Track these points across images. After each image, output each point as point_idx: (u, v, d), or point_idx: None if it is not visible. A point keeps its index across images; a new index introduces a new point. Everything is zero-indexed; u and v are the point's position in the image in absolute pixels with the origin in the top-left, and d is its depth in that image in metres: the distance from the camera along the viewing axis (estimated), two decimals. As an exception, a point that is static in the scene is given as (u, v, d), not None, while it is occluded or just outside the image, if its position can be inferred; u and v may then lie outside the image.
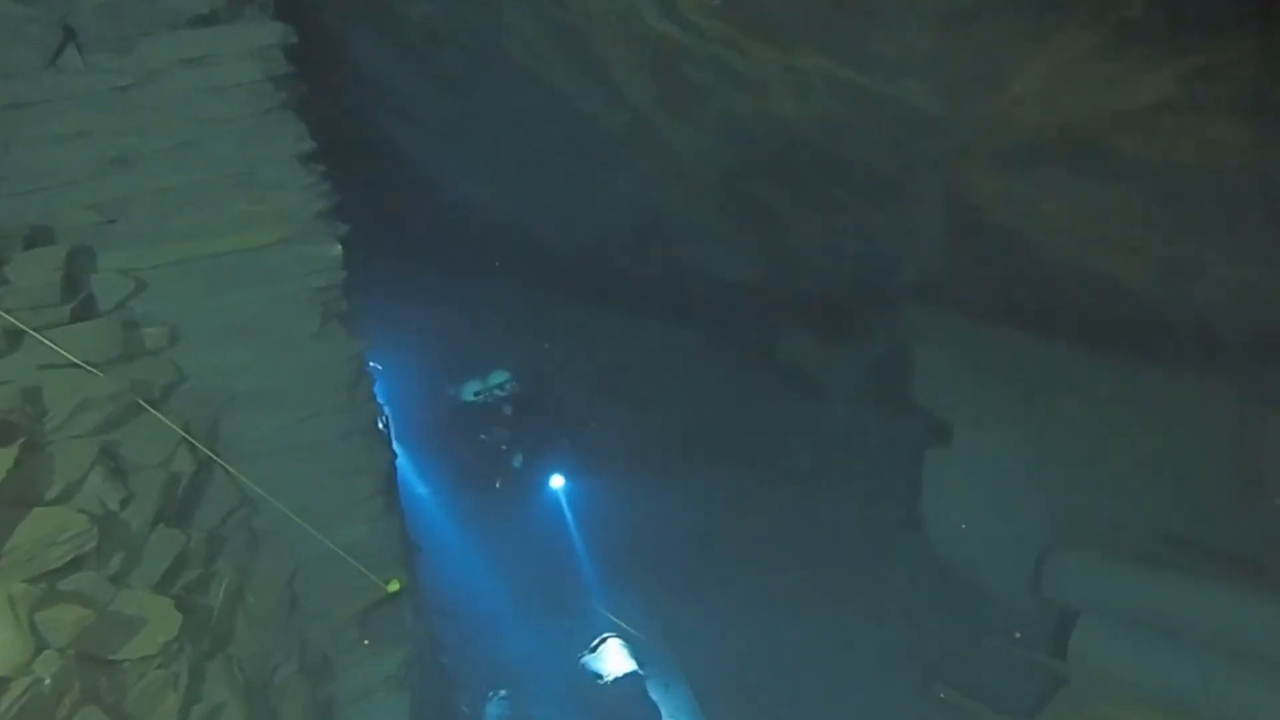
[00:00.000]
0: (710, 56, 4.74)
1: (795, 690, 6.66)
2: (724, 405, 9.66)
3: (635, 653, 6.99)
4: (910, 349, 7.45)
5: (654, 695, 6.75)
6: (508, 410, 8.94)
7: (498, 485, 9.04)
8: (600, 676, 6.61)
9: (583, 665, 6.83)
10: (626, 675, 6.59)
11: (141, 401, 3.42)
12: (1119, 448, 6.34)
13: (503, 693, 6.57)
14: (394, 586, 4.43)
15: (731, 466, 9.10)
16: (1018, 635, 6.40)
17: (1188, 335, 5.56)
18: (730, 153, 5.95)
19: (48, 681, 2.25)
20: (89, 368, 3.23)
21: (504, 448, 8.96)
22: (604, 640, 7.10)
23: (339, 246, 4.33)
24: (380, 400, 5.26)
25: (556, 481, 9.19)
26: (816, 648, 7.02)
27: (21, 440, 2.65)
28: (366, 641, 4.34)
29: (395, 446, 9.01)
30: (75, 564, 2.66)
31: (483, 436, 8.93)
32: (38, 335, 3.14)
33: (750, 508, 8.69)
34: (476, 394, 8.97)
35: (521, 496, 9.18)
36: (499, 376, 9.05)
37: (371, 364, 5.55)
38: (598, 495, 9.14)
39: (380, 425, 5.09)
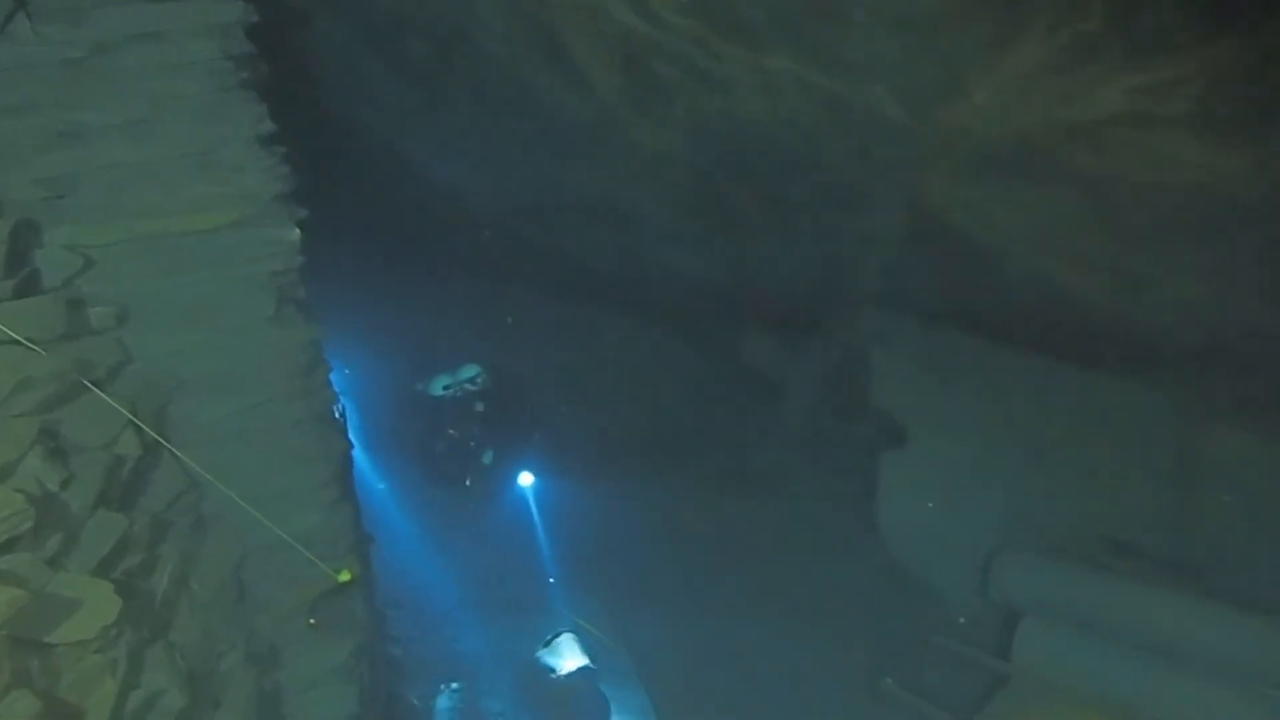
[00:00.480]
0: (679, 54, 4.77)
1: (746, 687, 6.71)
2: (685, 405, 9.70)
3: (588, 649, 6.99)
4: (868, 353, 7.55)
5: (606, 691, 6.76)
6: (479, 406, 8.73)
7: (468, 483, 8.85)
8: (553, 670, 6.60)
9: (536, 659, 6.82)
10: (579, 670, 6.59)
11: (86, 382, 3.34)
12: (1067, 454, 6.49)
13: (455, 685, 6.54)
14: (345, 576, 4.37)
15: (692, 466, 9.14)
16: (962, 620, 6.51)
17: (1134, 345, 5.72)
18: (697, 152, 5.98)
19: (-24, 664, 2.19)
20: (31, 345, 3.14)
21: (473, 444, 8.75)
22: (558, 635, 7.09)
23: (297, 231, 4.26)
24: (338, 390, 5.18)
25: (525, 479, 9.08)
26: (769, 645, 7.08)
27: (-43, 417, 2.58)
28: (313, 620, 4.27)
29: (353, 438, 8.97)
30: (10, 545, 2.59)
31: (452, 432, 8.71)
32: (-22, 311, 3.05)
33: (708, 507, 8.73)
34: (446, 388, 8.74)
35: (490, 494, 9.04)
36: (469, 371, 8.83)
37: (336, 363, 5.50)
38: (562, 493, 9.08)
39: (336, 414, 5.02)
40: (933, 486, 7.07)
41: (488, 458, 8.78)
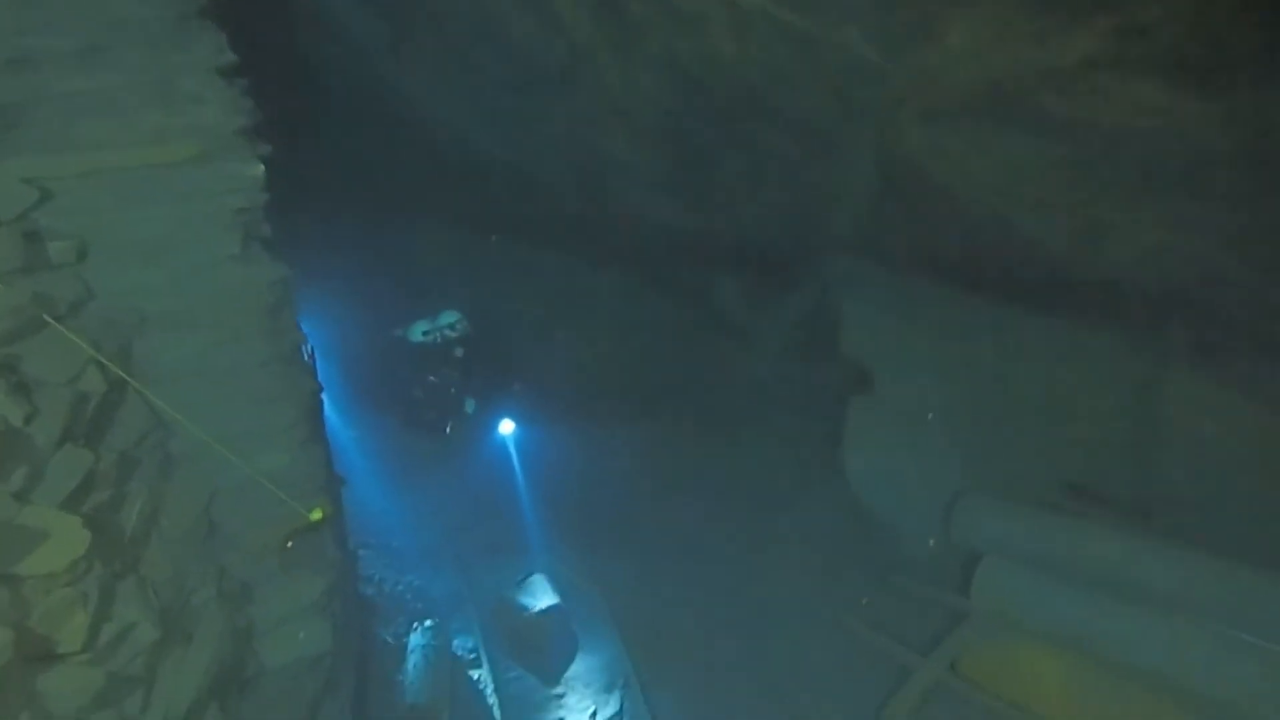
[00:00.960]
0: (651, -11, 4.68)
1: (714, 624, 6.88)
2: (655, 349, 9.74)
3: (560, 588, 7.11)
4: (837, 300, 7.62)
5: (577, 629, 6.90)
6: (458, 352, 8.57)
7: (448, 430, 8.72)
8: (525, 609, 6.71)
9: (508, 598, 6.93)
10: (549, 608, 6.71)
11: (46, 317, 3.27)
12: (1029, 399, 6.64)
13: (427, 624, 6.62)
14: (316, 515, 4.38)
15: (661, 409, 9.23)
16: (932, 542, 6.71)
17: (1097, 292, 5.82)
18: (669, 94, 5.90)
19: (-56, 593, 2.19)
20: (-12, 279, 3.07)
21: (454, 390, 8.60)
22: (530, 575, 7.19)
23: (261, 166, 4.16)
24: (306, 332, 5.12)
25: (506, 427, 9.00)
26: (736, 586, 7.26)
27: (-87, 349, 2.52)
28: (290, 544, 4.28)
29: (322, 381, 8.87)
30: (-27, 478, 2.57)
31: (432, 378, 8.56)
32: (-70, 242, 2.97)
33: (677, 450, 8.85)
34: (425, 334, 8.57)
35: (471, 441, 8.96)
36: (449, 316, 8.66)
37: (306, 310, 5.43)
38: (538, 440, 9.08)
39: (304, 355, 4.98)
40: (898, 430, 7.22)
41: (470, 406, 8.66)
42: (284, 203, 4.52)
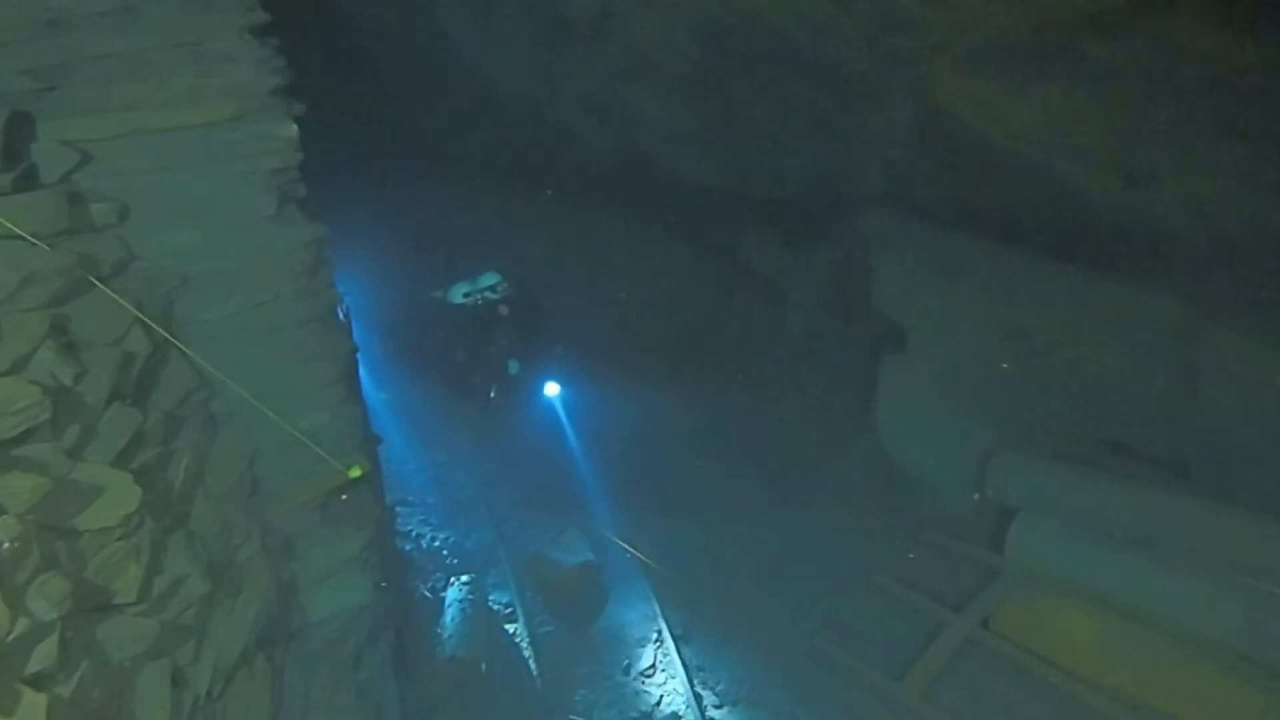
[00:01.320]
0: (684, -62, 4.58)
1: (745, 581, 6.94)
2: (687, 306, 9.70)
3: (593, 543, 7.21)
4: (870, 255, 7.52)
5: (609, 582, 7.01)
6: (503, 310, 8.44)
7: (492, 394, 8.62)
8: (559, 563, 6.82)
9: (542, 552, 7.04)
10: (582, 562, 6.81)
11: (91, 278, 3.33)
12: (1066, 355, 6.54)
13: (464, 578, 6.76)
14: (355, 472, 4.46)
15: (693, 366, 9.22)
16: (976, 497, 6.65)
17: (1140, 246, 5.69)
18: (701, 46, 5.80)
19: (7, 545, 2.26)
20: (34, 240, 3.12)
21: (494, 350, 8.47)
22: (564, 531, 7.29)
23: (294, 126, 4.17)
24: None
25: (551, 389, 8.89)
26: (767, 541, 7.30)
27: (-34, 310, 2.58)
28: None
29: (359, 339, 8.95)
30: (29, 435, 2.64)
31: (474, 340, 8.45)
32: (-23, 205, 3.02)
33: (710, 406, 8.85)
34: (466, 295, 8.50)
35: (516, 405, 8.88)
36: (490, 279, 8.53)
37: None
38: (580, 401, 9.06)
39: (340, 314, 5.03)
40: (931, 387, 7.16)
41: (514, 368, 8.53)
42: (319, 162, 4.53)
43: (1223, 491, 5.61)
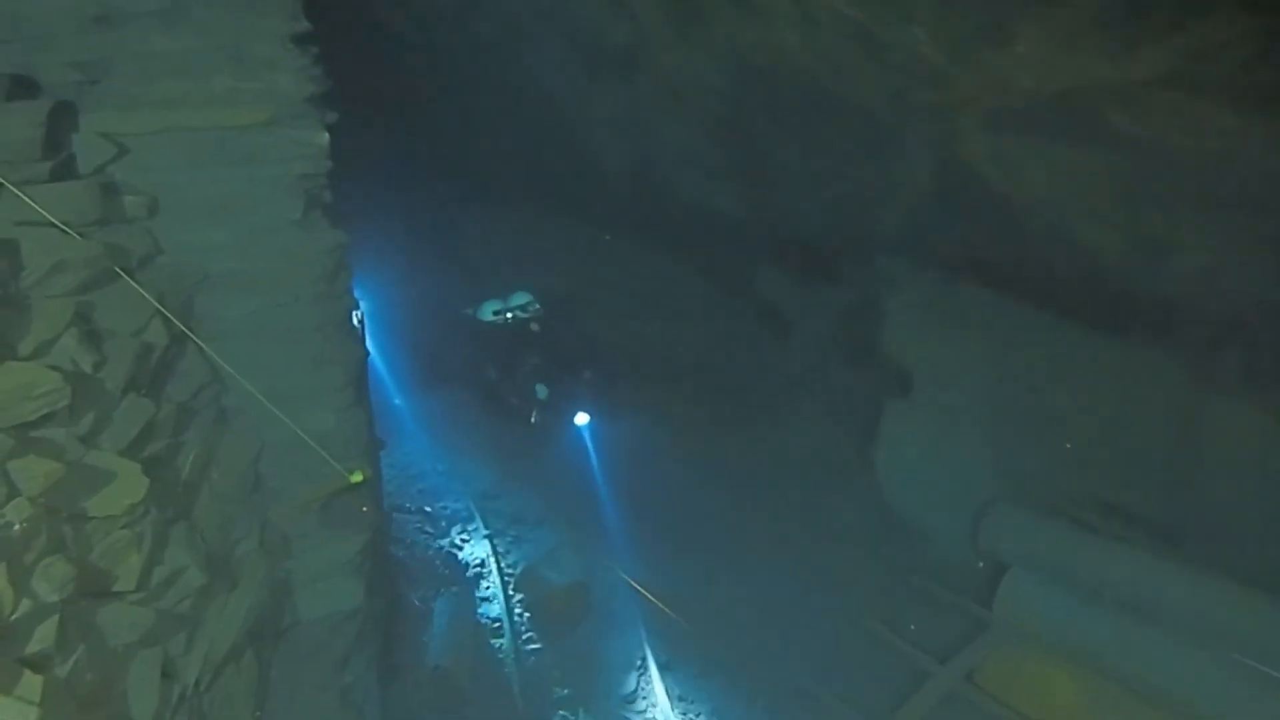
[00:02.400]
0: (720, -21, 4.68)
1: (734, 612, 6.94)
2: (695, 335, 9.75)
3: (585, 563, 7.23)
4: (881, 299, 7.58)
5: (600, 604, 7.02)
6: (534, 327, 8.20)
7: (533, 420, 8.22)
8: (549, 582, 6.84)
9: (533, 569, 7.06)
10: (573, 583, 6.83)
11: (118, 269, 3.41)
12: (1069, 414, 6.57)
13: (454, 589, 6.78)
14: (357, 477, 4.52)
15: (697, 395, 9.25)
16: (981, 565, 6.62)
17: (1150, 312, 5.73)
18: (729, 82, 5.90)
19: (17, 526, 2.32)
20: (66, 229, 3.21)
21: (527, 371, 8.15)
22: (556, 548, 7.32)
23: (326, 134, 4.28)
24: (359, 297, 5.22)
25: (581, 419, 8.51)
26: (759, 575, 7.30)
27: (-3, 293, 2.66)
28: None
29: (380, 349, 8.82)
30: (47, 420, 2.70)
31: (506, 358, 8.15)
32: (16, 190, 3.10)
33: (710, 437, 8.88)
34: (496, 313, 8.24)
35: (551, 432, 8.58)
36: (521, 297, 8.28)
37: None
38: (606, 431, 8.85)
39: (355, 320, 5.11)
40: (933, 435, 7.18)
41: (542, 392, 8.22)
42: (348, 172, 4.62)
43: (1216, 563, 5.61)
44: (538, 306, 8.32)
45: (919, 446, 7.24)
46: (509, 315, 8.27)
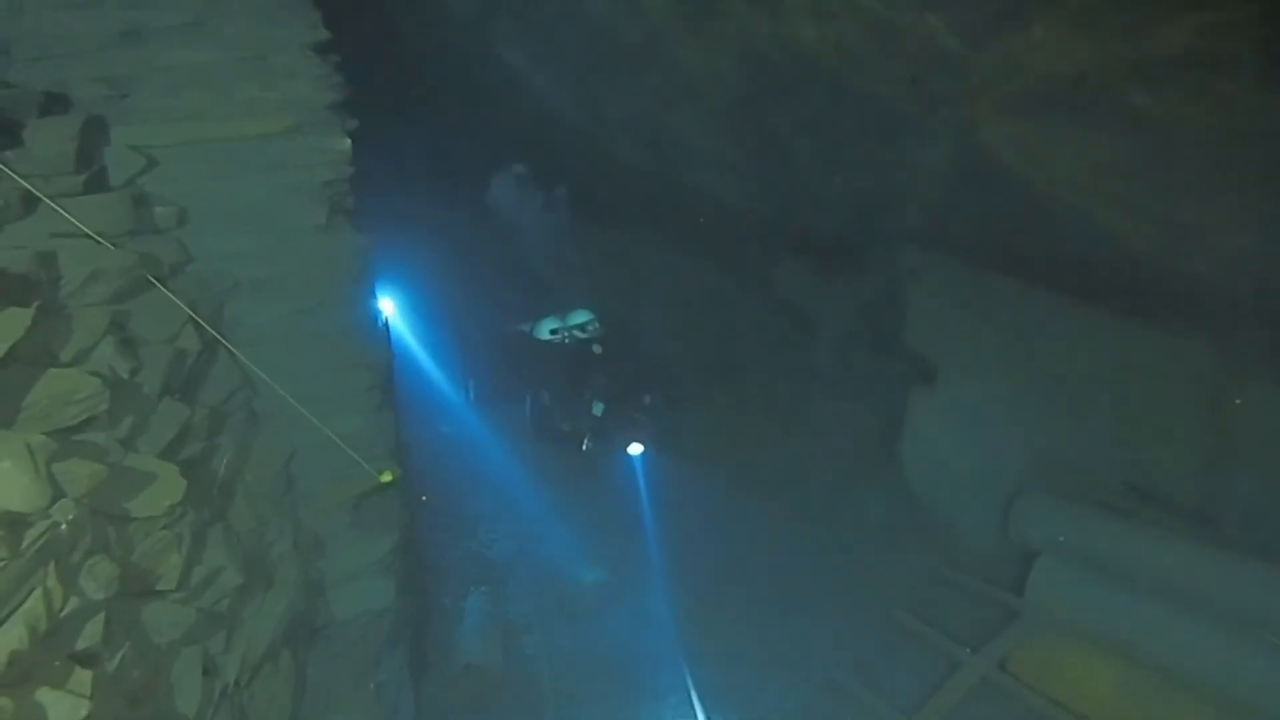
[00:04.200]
0: (733, -27, 4.70)
1: (763, 607, 6.94)
2: (718, 331, 9.76)
3: (612, 562, 7.27)
4: (904, 290, 7.55)
5: (626, 601, 7.05)
6: (597, 350, 7.53)
7: (585, 446, 7.60)
8: (577, 580, 6.90)
9: (562, 568, 7.12)
10: (599, 580, 6.87)
11: (151, 278, 3.49)
12: (1098, 401, 6.51)
13: (483, 589, 6.85)
14: (386, 478, 4.59)
15: (722, 392, 9.26)
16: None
17: (1178, 296, 5.67)
18: (745, 76, 5.91)
19: (64, 527, 2.39)
20: (101, 240, 3.29)
21: (588, 395, 7.49)
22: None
23: (348, 140, 4.36)
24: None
25: (634, 449, 7.74)
26: (788, 569, 7.30)
27: (38, 303, 2.74)
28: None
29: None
30: (88, 424, 2.78)
31: (564, 382, 7.54)
32: (51, 203, 3.19)
33: (735, 433, 8.89)
34: (554, 332, 7.65)
35: (605, 457, 7.90)
36: (581, 315, 7.67)
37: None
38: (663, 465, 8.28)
39: (380, 323, 5.18)
40: (960, 426, 7.14)
41: (597, 409, 7.51)
42: (376, 179, 4.69)
43: (1253, 546, 5.53)
44: (598, 326, 7.70)
45: (946, 436, 7.20)
46: (568, 335, 7.64)
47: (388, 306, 8.07)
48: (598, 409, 7.49)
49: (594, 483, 8.12)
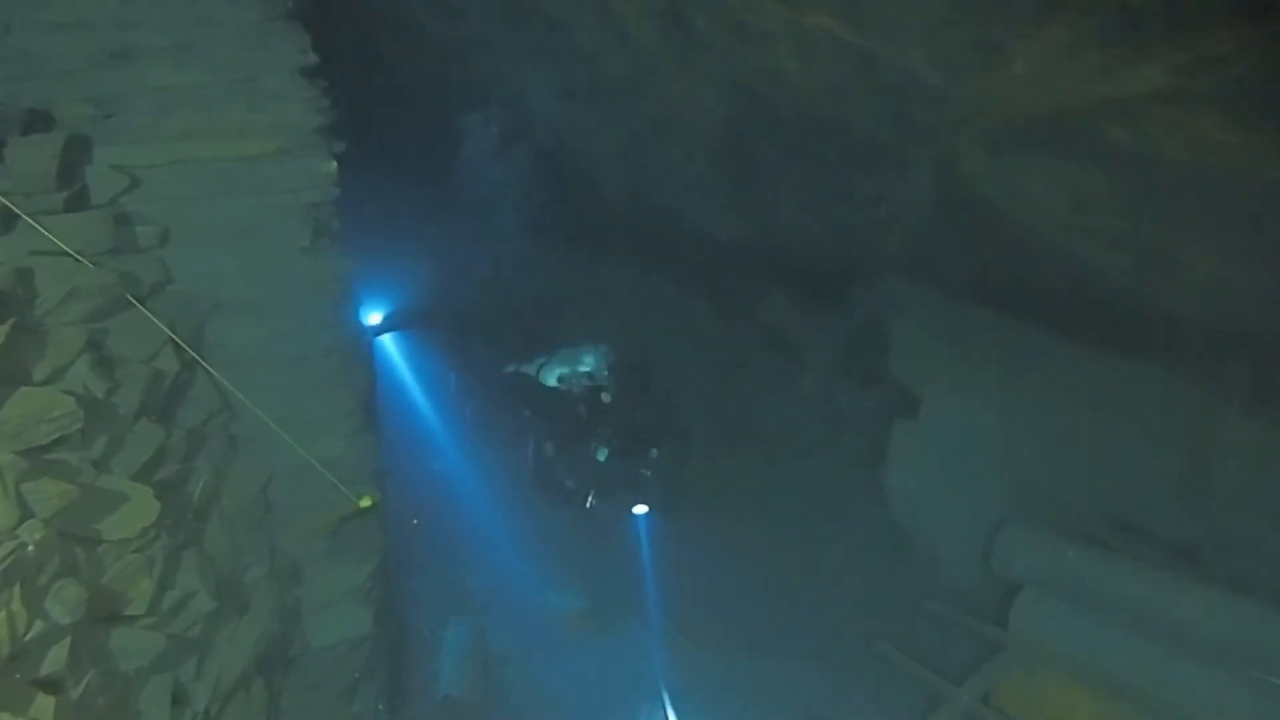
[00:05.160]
0: (718, 6, 4.76)
1: (744, 638, 6.88)
2: (700, 362, 9.76)
3: (594, 591, 7.19)
4: (888, 322, 7.59)
5: (609, 630, 6.97)
6: (606, 399, 7.07)
7: (589, 503, 7.14)
8: (558, 609, 6.81)
9: (542, 597, 7.03)
10: (580, 610, 6.79)
11: (130, 297, 3.46)
12: (1078, 432, 6.54)
13: (463, 619, 6.75)
14: (366, 503, 4.53)
15: (703, 422, 9.24)
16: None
17: (1156, 328, 5.73)
18: (730, 108, 5.97)
19: (31, 548, 2.33)
20: (79, 258, 3.26)
21: (594, 446, 7.04)
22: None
23: (334, 163, 4.35)
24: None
25: (639, 509, 7.30)
26: (769, 600, 7.25)
27: (12, 320, 2.70)
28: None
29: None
30: (60, 444, 2.73)
31: (568, 433, 7.08)
32: (30, 220, 3.16)
33: (718, 463, 8.86)
34: (562, 380, 7.22)
35: (611, 516, 7.46)
36: (590, 361, 7.25)
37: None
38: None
39: (364, 344, 5.15)
40: (942, 457, 7.16)
41: (602, 455, 7.07)
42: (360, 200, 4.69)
43: (1232, 579, 5.55)
44: (608, 372, 7.26)
45: (928, 468, 7.21)
46: (576, 382, 7.18)
47: (376, 326, 7.98)
48: (602, 454, 7.09)
49: (599, 546, 7.70)
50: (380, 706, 5.09)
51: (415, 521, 7.28)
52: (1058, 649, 5.81)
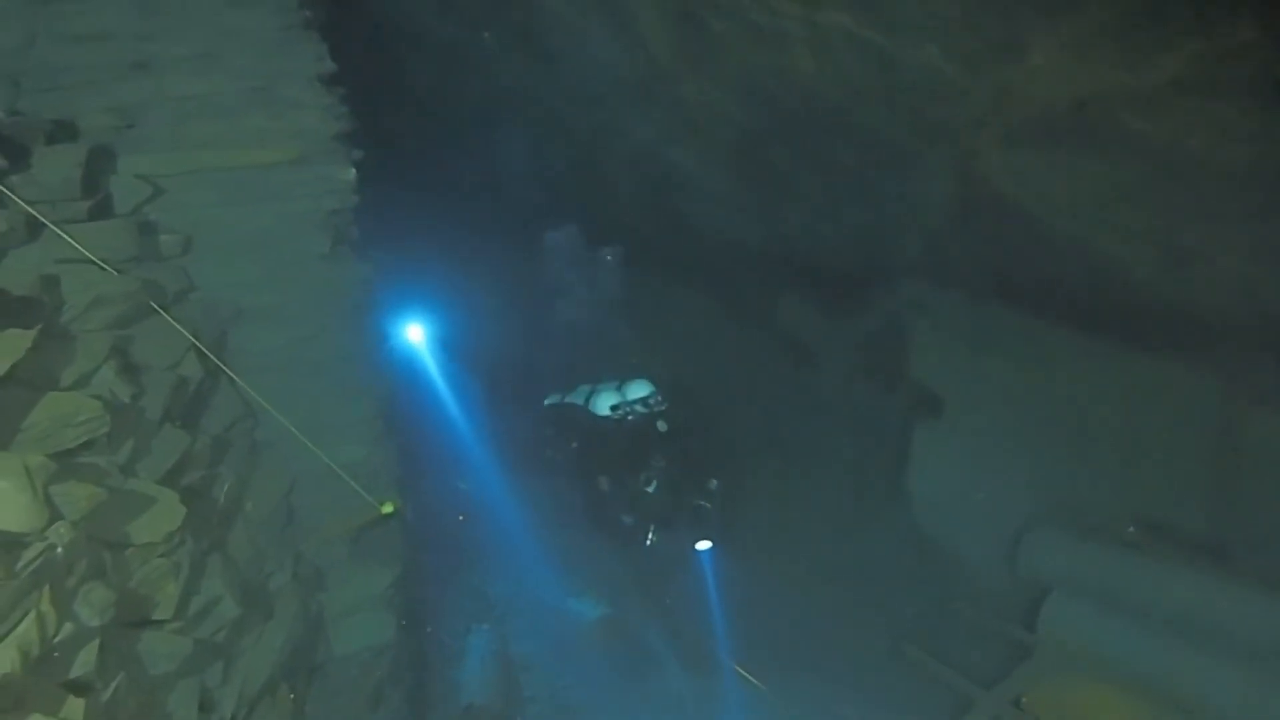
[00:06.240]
0: (733, 7, 4.76)
1: (770, 647, 6.82)
2: (719, 367, 9.72)
3: (615, 597, 7.15)
4: (908, 323, 7.54)
5: (630, 638, 6.93)
6: (661, 427, 6.60)
7: (649, 540, 6.65)
8: (580, 616, 6.78)
9: (564, 605, 7.00)
10: (604, 617, 6.76)
11: (154, 304, 3.49)
12: (1104, 432, 6.45)
13: (485, 627, 6.73)
14: (388, 509, 4.53)
15: (723, 428, 9.20)
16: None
17: (1181, 324, 5.65)
18: (746, 111, 5.97)
19: (60, 549, 2.34)
20: (104, 265, 3.29)
21: (654, 484, 6.56)
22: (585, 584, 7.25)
23: (353, 170, 4.38)
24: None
25: (702, 545, 6.77)
26: (794, 608, 7.19)
27: (40, 326, 2.72)
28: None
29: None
30: (87, 447, 2.75)
31: (624, 466, 6.61)
32: (56, 229, 3.19)
33: (738, 470, 8.80)
34: (614, 409, 6.77)
35: (671, 554, 6.98)
36: (641, 389, 6.81)
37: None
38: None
39: (385, 353, 5.16)
40: (966, 459, 7.08)
41: (651, 486, 6.60)
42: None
43: (1264, 577, 5.44)
44: (661, 399, 6.82)
45: (952, 471, 7.13)
46: (630, 411, 6.73)
47: (414, 335, 7.87)
48: (651, 486, 6.60)
49: (663, 591, 7.27)
50: (405, 714, 5.07)
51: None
52: (1088, 652, 5.72)
